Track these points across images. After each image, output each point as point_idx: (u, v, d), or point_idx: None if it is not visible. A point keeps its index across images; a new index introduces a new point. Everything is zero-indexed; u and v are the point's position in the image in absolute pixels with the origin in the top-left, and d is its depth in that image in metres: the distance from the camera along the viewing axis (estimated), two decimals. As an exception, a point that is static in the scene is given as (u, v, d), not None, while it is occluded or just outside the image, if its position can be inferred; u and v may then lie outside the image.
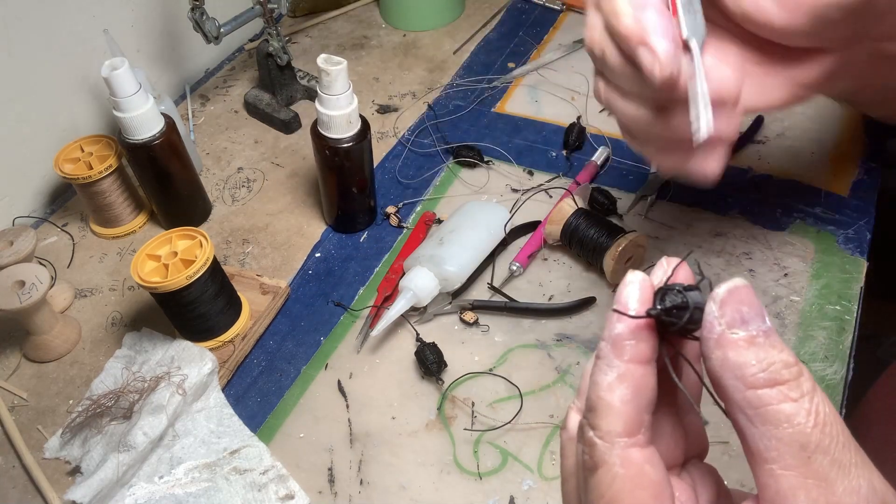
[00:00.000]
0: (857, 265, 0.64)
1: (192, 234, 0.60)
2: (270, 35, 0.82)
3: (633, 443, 0.25)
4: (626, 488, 0.25)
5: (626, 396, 0.25)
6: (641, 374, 0.25)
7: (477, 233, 0.67)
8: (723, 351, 0.24)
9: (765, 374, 0.23)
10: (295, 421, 0.59)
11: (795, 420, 0.23)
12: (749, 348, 0.23)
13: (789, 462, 0.23)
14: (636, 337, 0.25)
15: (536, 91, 0.88)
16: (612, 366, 0.26)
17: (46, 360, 0.64)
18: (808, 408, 0.23)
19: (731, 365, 0.24)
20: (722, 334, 0.24)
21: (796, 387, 0.23)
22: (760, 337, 0.23)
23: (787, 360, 0.23)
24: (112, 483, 0.53)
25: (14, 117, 0.75)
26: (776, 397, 0.23)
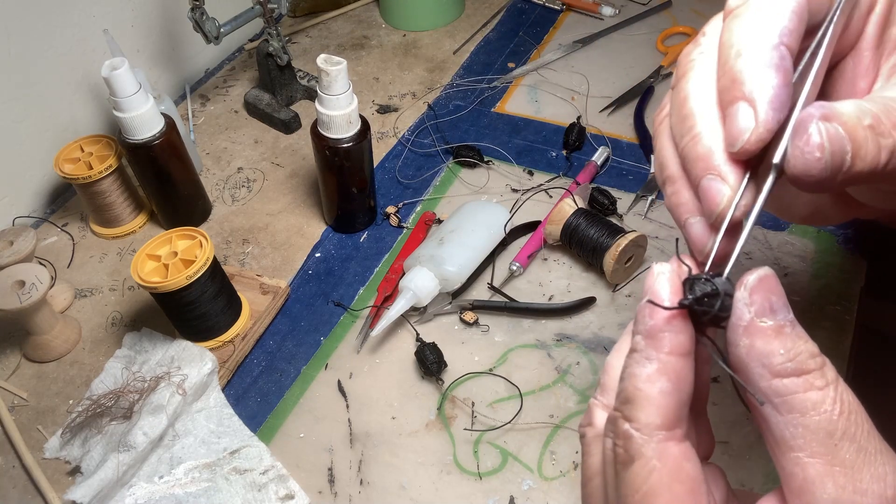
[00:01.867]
0: (857, 265, 0.64)
1: (192, 234, 0.60)
2: (270, 35, 0.82)
3: (671, 436, 0.25)
4: (664, 482, 0.25)
5: (666, 389, 0.25)
6: (682, 367, 0.25)
7: (477, 233, 0.67)
8: (751, 339, 0.24)
9: (791, 363, 0.23)
10: (295, 421, 0.59)
11: (822, 408, 0.23)
12: (777, 337, 0.24)
13: (816, 450, 0.23)
14: (673, 328, 0.25)
15: (536, 91, 0.88)
16: (650, 358, 0.25)
17: (46, 360, 0.64)
18: (833, 396, 0.23)
19: (758, 353, 0.24)
20: (751, 322, 0.24)
21: (821, 376, 0.23)
22: (787, 327, 0.24)
23: (812, 350, 0.24)
24: (112, 483, 0.53)
25: (14, 117, 0.75)
26: (802, 386, 0.23)
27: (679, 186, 0.29)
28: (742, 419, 0.54)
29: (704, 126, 0.28)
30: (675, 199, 0.30)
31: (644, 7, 1.00)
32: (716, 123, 0.28)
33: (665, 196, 0.31)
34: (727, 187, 0.27)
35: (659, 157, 0.31)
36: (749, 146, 0.26)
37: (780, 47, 0.27)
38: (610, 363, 0.30)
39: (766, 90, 0.26)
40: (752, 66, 0.27)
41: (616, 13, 0.99)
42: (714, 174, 0.27)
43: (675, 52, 0.90)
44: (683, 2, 1.00)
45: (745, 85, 0.27)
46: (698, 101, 0.29)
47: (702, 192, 0.28)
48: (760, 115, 0.26)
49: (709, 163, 0.28)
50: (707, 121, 0.28)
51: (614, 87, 0.87)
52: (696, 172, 0.28)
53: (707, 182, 0.27)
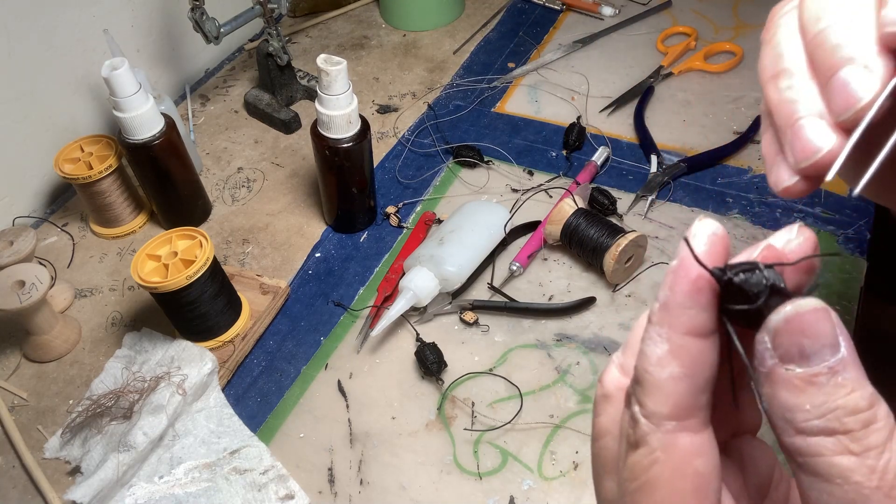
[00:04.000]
0: (857, 265, 0.64)
1: (192, 234, 0.60)
2: (270, 35, 0.82)
3: (682, 427, 0.21)
4: (664, 476, 0.22)
5: (677, 374, 0.21)
6: (699, 350, 0.21)
7: (477, 233, 0.67)
8: (773, 388, 0.20)
9: (820, 421, 0.19)
10: (295, 421, 0.59)
11: (853, 478, 0.19)
12: (806, 389, 0.19)
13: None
14: (696, 302, 0.21)
15: (536, 91, 0.88)
16: (663, 337, 0.21)
17: (46, 360, 0.64)
18: (871, 465, 0.19)
19: (780, 405, 0.20)
20: (773, 369, 0.20)
21: (861, 437, 0.19)
22: (824, 376, 0.19)
23: (854, 406, 0.19)
24: (112, 483, 0.53)
25: (14, 117, 0.75)
26: (832, 448, 0.19)
27: (798, 80, 0.24)
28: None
29: (850, 11, 0.23)
30: (789, 95, 0.24)
31: (644, 7, 1.00)
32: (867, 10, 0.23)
33: (771, 95, 0.25)
34: (875, 80, 0.22)
35: (775, 47, 0.25)
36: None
37: None
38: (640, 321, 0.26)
39: None
40: None
41: (616, 13, 0.99)
42: (858, 65, 0.22)
43: (675, 52, 0.90)
44: (683, 2, 1.00)
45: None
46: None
47: (837, 86, 0.22)
48: None
49: (852, 51, 0.22)
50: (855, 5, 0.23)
51: (614, 87, 0.87)
52: (831, 63, 0.23)
53: (847, 71, 0.22)
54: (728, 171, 0.75)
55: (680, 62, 0.89)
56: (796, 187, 0.24)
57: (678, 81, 0.88)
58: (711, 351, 0.22)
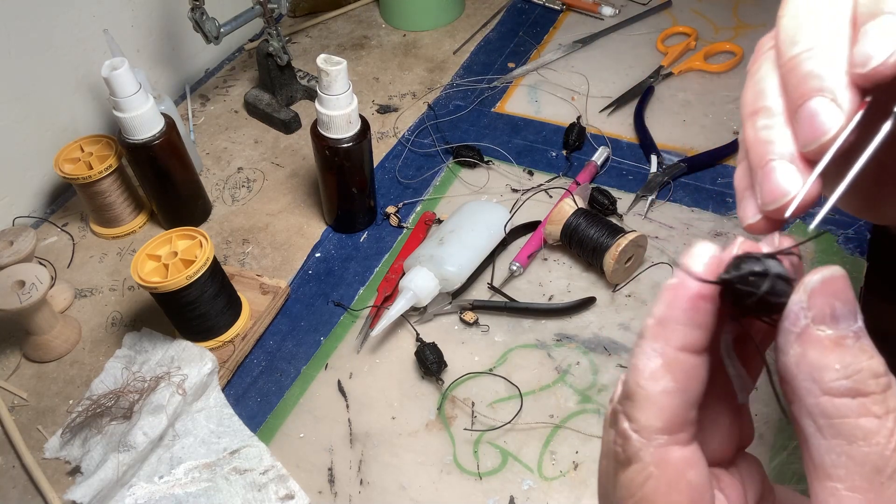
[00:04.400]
0: (857, 265, 0.64)
1: (192, 234, 0.60)
2: (270, 35, 0.82)
3: (673, 441, 0.22)
4: (661, 491, 0.22)
5: (670, 388, 0.22)
6: (692, 366, 0.22)
7: (477, 233, 0.67)
8: (803, 348, 0.20)
9: (847, 381, 0.20)
10: (295, 421, 0.59)
11: (874, 439, 0.20)
12: (834, 350, 0.20)
13: (858, 484, 0.20)
14: (691, 320, 0.22)
15: (536, 91, 0.88)
16: (658, 351, 0.22)
17: (46, 360, 0.64)
18: (891, 427, 0.20)
19: (809, 365, 0.20)
20: (806, 329, 0.20)
21: (882, 401, 0.20)
22: (850, 339, 0.20)
23: (876, 370, 0.20)
24: (112, 483, 0.53)
25: (14, 117, 0.75)
26: (856, 410, 0.20)
27: (776, 121, 0.24)
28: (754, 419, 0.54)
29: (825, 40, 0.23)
30: (764, 135, 0.24)
31: (644, 7, 1.00)
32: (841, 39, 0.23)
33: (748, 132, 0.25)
34: (840, 114, 0.22)
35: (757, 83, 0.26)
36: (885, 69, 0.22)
37: None
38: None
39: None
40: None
41: (616, 13, 0.99)
42: (827, 97, 0.22)
43: (675, 52, 0.90)
44: (683, 2, 1.00)
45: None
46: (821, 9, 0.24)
47: (805, 115, 0.23)
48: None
49: (823, 83, 0.23)
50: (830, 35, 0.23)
51: (614, 87, 0.87)
52: (801, 91, 0.23)
53: (816, 103, 0.23)
54: (728, 171, 0.75)
55: (680, 62, 0.89)
56: (759, 225, 0.26)
57: (678, 81, 0.88)
58: (703, 367, 0.22)
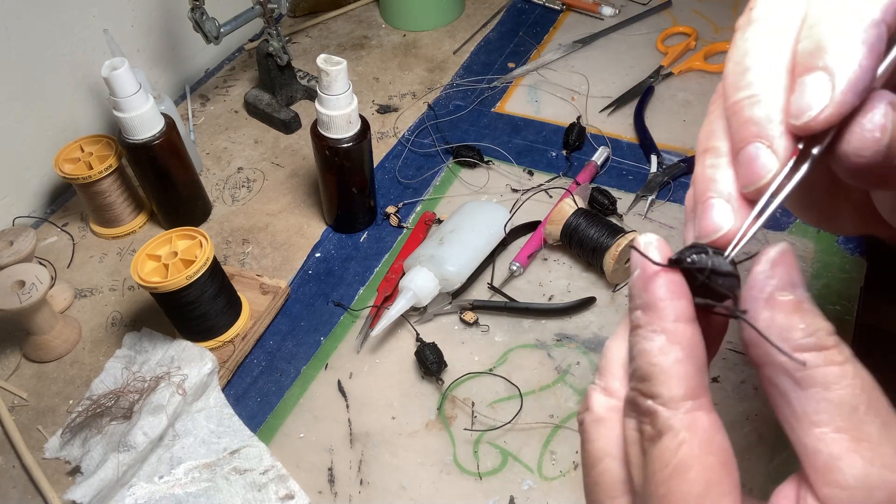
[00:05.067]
0: (857, 265, 0.64)
1: (192, 234, 0.60)
2: (270, 35, 0.82)
3: (699, 406, 0.24)
4: (695, 453, 0.23)
5: (681, 357, 0.24)
6: (691, 332, 0.24)
7: (477, 233, 0.67)
8: (772, 312, 0.23)
9: (812, 338, 0.23)
10: (295, 421, 0.59)
11: (844, 381, 0.22)
12: (796, 312, 0.23)
13: (841, 424, 0.22)
14: (671, 294, 0.24)
15: (536, 91, 0.88)
16: (657, 330, 0.24)
17: (46, 360, 0.64)
18: (853, 371, 0.22)
19: (779, 327, 0.23)
20: (772, 295, 0.23)
21: (840, 352, 0.23)
22: (806, 302, 0.23)
23: (829, 328, 0.23)
24: (112, 483, 0.53)
25: (14, 117, 0.75)
26: (823, 360, 0.22)
27: (721, 161, 0.26)
28: (742, 419, 0.54)
29: (764, 88, 0.25)
30: (711, 173, 0.26)
31: (644, 7, 1.00)
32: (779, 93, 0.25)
33: (697, 168, 0.28)
34: (776, 161, 0.25)
35: (710, 122, 0.28)
36: (815, 124, 0.24)
37: (880, 25, 0.24)
38: (608, 346, 0.28)
39: (849, 66, 0.23)
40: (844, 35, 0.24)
41: (616, 13, 0.99)
42: (765, 144, 0.25)
43: (675, 52, 0.90)
44: (683, 2, 1.00)
45: (828, 55, 0.24)
46: (764, 59, 0.26)
47: (745, 159, 0.25)
48: (837, 95, 0.23)
49: (762, 130, 0.25)
50: (769, 85, 0.25)
51: (614, 87, 0.87)
52: (743, 135, 0.25)
53: (755, 149, 0.25)
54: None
55: (680, 62, 0.89)
56: None
57: (678, 81, 0.88)
58: (700, 334, 0.25)
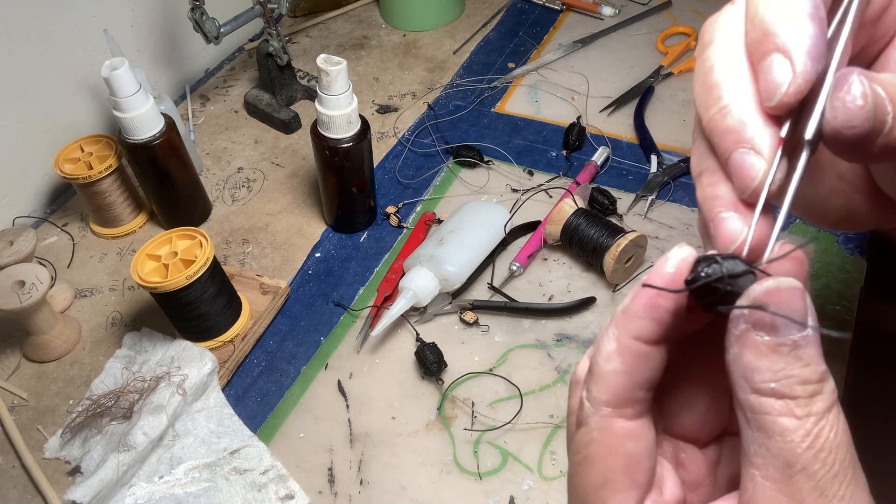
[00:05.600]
0: (857, 265, 0.64)
1: (192, 234, 0.60)
2: (270, 35, 0.82)
3: (618, 414, 0.25)
4: (599, 453, 0.25)
5: (619, 369, 0.25)
6: (643, 353, 0.25)
7: (477, 233, 0.67)
8: (740, 349, 0.23)
9: (775, 384, 0.22)
10: (295, 421, 0.59)
11: (790, 437, 0.22)
12: (769, 355, 0.22)
13: (771, 474, 0.22)
14: (648, 314, 0.24)
15: (536, 91, 0.88)
16: (614, 336, 0.25)
17: (46, 360, 0.64)
18: (808, 428, 0.22)
19: (743, 365, 0.23)
20: (746, 332, 0.23)
21: (805, 405, 0.22)
22: (787, 346, 0.22)
23: (805, 377, 0.22)
24: (112, 483, 0.53)
25: (14, 117, 0.75)
26: (778, 409, 0.22)
27: (717, 178, 0.27)
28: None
29: (733, 97, 0.26)
30: (711, 191, 0.27)
31: (644, 7, 1.00)
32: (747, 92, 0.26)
33: (698, 192, 0.28)
34: (762, 159, 0.25)
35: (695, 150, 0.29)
36: (788, 98, 0.24)
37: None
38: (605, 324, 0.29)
39: (802, 39, 0.24)
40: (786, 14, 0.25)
41: (616, 13, 0.99)
42: (746, 147, 0.25)
43: (675, 52, 0.90)
44: (683, 2, 1.00)
45: (779, 36, 0.25)
46: (725, 70, 0.27)
47: (733, 168, 0.25)
48: (798, 66, 0.24)
49: (740, 135, 0.25)
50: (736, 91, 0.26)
51: (614, 87, 0.87)
52: (725, 146, 0.26)
53: (739, 155, 0.25)
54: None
55: (680, 62, 0.89)
56: None
57: (678, 81, 0.88)
58: (655, 357, 0.25)
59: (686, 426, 0.28)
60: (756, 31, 0.26)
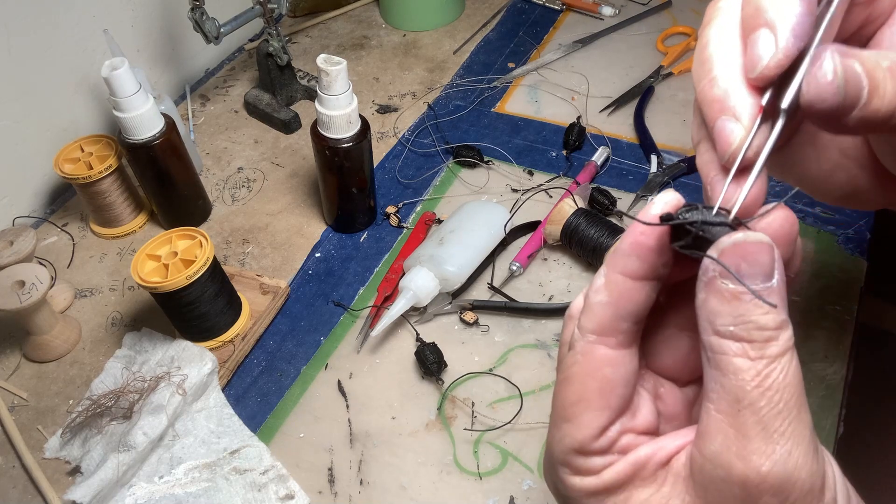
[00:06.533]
0: (857, 265, 0.64)
1: (192, 234, 0.60)
2: (270, 35, 0.82)
3: (601, 342, 0.28)
4: (578, 374, 0.28)
5: (604, 301, 0.28)
6: (628, 288, 0.27)
7: (477, 233, 0.67)
8: (706, 294, 0.25)
9: (734, 328, 0.24)
10: (295, 421, 0.59)
11: (741, 375, 0.24)
12: (731, 302, 0.24)
13: (722, 407, 0.25)
14: (633, 252, 0.27)
15: (536, 91, 0.88)
16: (603, 273, 0.28)
17: (46, 360, 0.64)
18: (759, 369, 0.24)
19: (707, 309, 0.25)
20: (711, 279, 0.25)
21: (759, 348, 0.24)
22: (749, 295, 0.24)
23: (763, 324, 0.24)
24: (112, 483, 0.53)
25: (14, 117, 0.75)
26: (735, 351, 0.24)
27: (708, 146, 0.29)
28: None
29: (722, 69, 0.28)
30: (705, 157, 0.30)
31: (644, 7, 1.00)
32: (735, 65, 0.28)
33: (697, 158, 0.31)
34: (740, 126, 0.27)
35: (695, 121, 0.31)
36: (768, 71, 0.26)
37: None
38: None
39: (788, 17, 0.26)
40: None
41: (616, 13, 0.99)
42: (728, 115, 0.27)
43: (675, 52, 0.90)
44: (683, 2, 1.00)
45: (768, 12, 0.27)
46: (719, 46, 0.29)
47: (716, 135, 0.28)
48: (780, 41, 0.26)
49: (724, 104, 0.28)
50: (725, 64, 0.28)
51: (614, 87, 0.87)
52: (711, 115, 0.28)
53: (721, 122, 0.28)
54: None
55: (680, 62, 0.89)
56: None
57: (678, 81, 0.88)
58: (639, 291, 0.28)
59: (668, 365, 0.31)
60: (749, 6, 0.28)
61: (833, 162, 0.35)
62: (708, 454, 0.25)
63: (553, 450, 0.30)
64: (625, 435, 0.29)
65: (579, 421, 0.28)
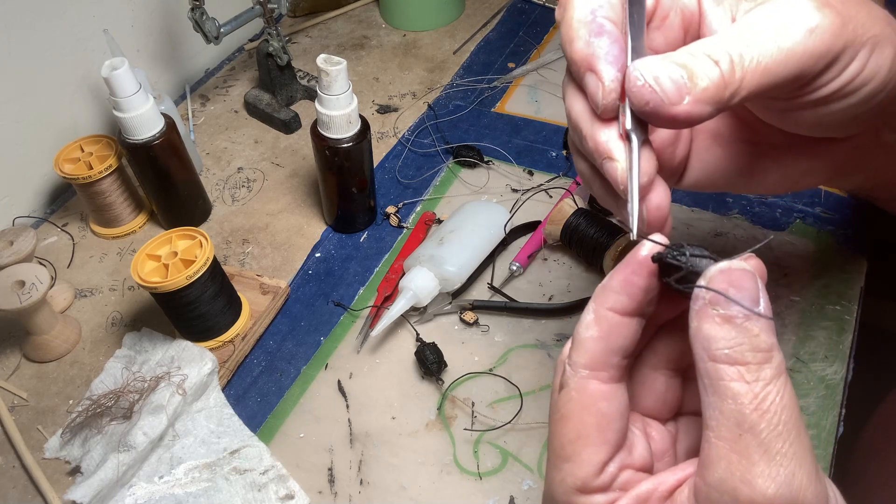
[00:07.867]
0: (857, 265, 0.64)
1: (192, 234, 0.60)
2: (270, 35, 0.82)
3: (594, 376, 0.29)
4: (575, 410, 0.29)
5: (595, 336, 0.29)
6: (617, 323, 0.29)
7: (477, 233, 0.67)
8: (699, 322, 0.26)
9: (729, 351, 0.25)
10: (295, 421, 0.59)
11: (740, 399, 0.25)
12: (723, 325, 0.25)
13: (723, 434, 0.25)
14: (622, 289, 0.28)
15: (536, 91, 0.88)
16: (593, 309, 0.29)
17: (46, 360, 0.64)
18: (756, 392, 0.25)
19: (702, 336, 0.26)
20: (703, 308, 0.26)
21: (755, 370, 0.25)
22: (740, 318, 0.25)
23: (756, 345, 0.25)
24: (112, 483, 0.53)
25: (14, 117, 0.75)
26: (731, 375, 0.25)
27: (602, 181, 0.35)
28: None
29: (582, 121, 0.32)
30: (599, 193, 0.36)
31: (644, 7, 1.00)
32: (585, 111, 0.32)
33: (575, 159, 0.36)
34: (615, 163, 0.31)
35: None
36: (608, 103, 0.30)
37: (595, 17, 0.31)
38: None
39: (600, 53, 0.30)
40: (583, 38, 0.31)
41: (616, 13, 0.99)
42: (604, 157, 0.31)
43: (675, 52, 0.90)
44: (683, 2, 1.00)
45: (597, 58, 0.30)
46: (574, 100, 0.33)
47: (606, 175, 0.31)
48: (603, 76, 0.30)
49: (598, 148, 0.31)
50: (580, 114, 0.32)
51: (614, 87, 0.87)
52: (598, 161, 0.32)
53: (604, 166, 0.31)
54: (728, 171, 0.75)
55: (680, 62, 0.89)
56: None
57: (678, 81, 0.87)
58: (628, 327, 0.29)
59: (648, 405, 0.33)
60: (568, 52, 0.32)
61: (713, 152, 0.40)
62: (713, 482, 0.26)
63: (555, 492, 0.30)
64: (624, 471, 0.29)
65: (580, 458, 0.29)
